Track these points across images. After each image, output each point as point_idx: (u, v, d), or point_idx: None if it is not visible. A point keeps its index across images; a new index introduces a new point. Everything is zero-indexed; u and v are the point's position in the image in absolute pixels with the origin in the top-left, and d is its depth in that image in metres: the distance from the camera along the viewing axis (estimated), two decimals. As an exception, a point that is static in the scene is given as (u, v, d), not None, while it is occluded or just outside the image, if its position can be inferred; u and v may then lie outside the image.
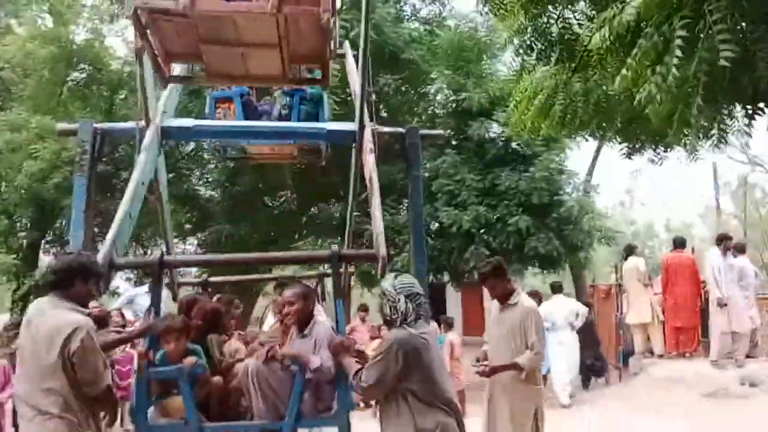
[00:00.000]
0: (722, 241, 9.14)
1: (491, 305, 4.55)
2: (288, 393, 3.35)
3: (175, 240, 16.31)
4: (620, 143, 4.73)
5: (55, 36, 14.19)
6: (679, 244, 10.00)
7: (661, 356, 9.59)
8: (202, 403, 3.43)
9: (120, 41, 16.21)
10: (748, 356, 8.83)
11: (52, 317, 2.99)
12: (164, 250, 6.24)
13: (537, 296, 7.61)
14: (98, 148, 4.84)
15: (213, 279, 6.79)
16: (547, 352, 6.03)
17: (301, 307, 3.54)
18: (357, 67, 4.92)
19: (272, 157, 7.03)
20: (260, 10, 3.90)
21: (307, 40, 4.25)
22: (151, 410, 3.42)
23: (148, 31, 4.09)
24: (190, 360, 3.39)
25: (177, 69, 5.23)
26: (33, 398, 2.94)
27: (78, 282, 3.10)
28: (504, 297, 4.36)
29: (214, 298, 6.12)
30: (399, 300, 3.03)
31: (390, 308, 3.05)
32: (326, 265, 5.00)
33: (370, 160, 4.71)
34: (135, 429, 3.37)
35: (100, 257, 3.53)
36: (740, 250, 9.48)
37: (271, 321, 5.61)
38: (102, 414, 3.27)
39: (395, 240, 12.63)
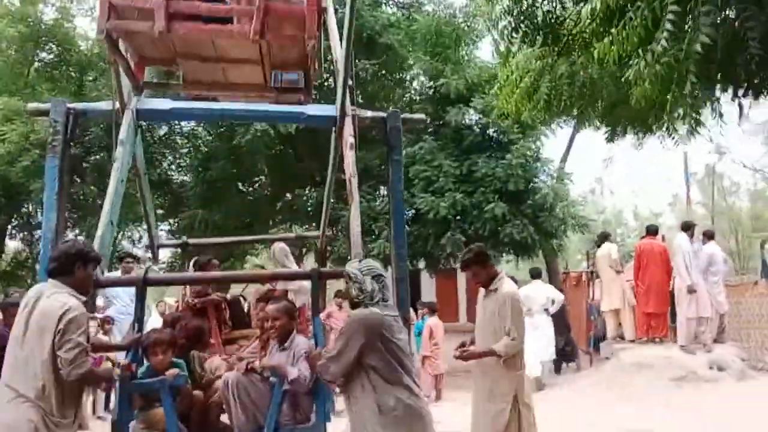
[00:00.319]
0: (688, 228, 9.38)
1: (480, 292, 4.57)
2: (267, 404, 3.45)
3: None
4: (602, 127, 4.76)
5: (23, 15, 13.75)
6: (651, 231, 10.19)
7: (632, 341, 9.78)
8: (183, 417, 3.50)
9: (89, 21, 15.81)
10: (715, 341, 9.07)
11: (48, 301, 3.05)
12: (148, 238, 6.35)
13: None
14: (71, 128, 4.69)
15: (192, 241, 6.74)
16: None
17: (284, 323, 3.64)
18: (341, 45, 4.76)
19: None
20: (241, 36, 3.80)
21: (291, 52, 4.22)
22: (132, 423, 3.48)
23: (120, 39, 3.94)
24: (172, 371, 3.45)
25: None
26: (15, 382, 2.96)
27: (78, 268, 3.19)
28: (487, 283, 4.37)
29: (192, 261, 6.16)
30: (365, 281, 3.13)
31: (356, 289, 3.14)
32: (305, 227, 5.28)
33: (350, 157, 4.63)
34: None
35: None
36: (709, 236, 9.70)
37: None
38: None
39: (371, 227, 12.63)
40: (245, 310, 5.73)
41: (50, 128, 4.61)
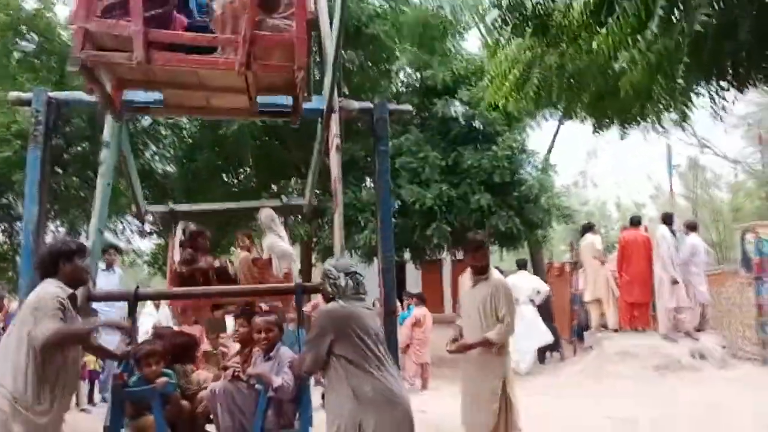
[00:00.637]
0: (669, 219, 9.53)
1: (463, 281, 4.61)
2: (252, 410, 3.65)
3: (130, 216, 15.93)
4: (588, 119, 4.80)
5: (3, 3, 13.48)
6: (634, 222, 10.31)
7: (615, 331, 9.91)
8: (171, 426, 3.67)
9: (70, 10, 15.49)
10: (697, 330, 9.22)
11: (32, 294, 3.22)
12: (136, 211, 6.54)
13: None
14: (53, 119, 4.63)
15: (179, 207, 6.75)
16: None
17: (276, 335, 3.87)
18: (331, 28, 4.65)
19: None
20: (226, 67, 3.62)
21: (278, 79, 4.03)
22: (123, 431, 3.66)
23: (96, 66, 3.75)
24: (162, 380, 3.65)
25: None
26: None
27: (63, 265, 3.29)
28: (482, 270, 4.42)
29: (179, 226, 6.18)
30: (339, 277, 3.32)
31: (330, 285, 3.32)
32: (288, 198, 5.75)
33: (335, 159, 4.60)
34: None
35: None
36: (692, 228, 9.84)
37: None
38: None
39: (357, 218, 12.62)
40: (232, 276, 5.85)
41: (32, 118, 4.55)
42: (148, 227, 15.97)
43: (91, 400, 7.76)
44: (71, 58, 3.56)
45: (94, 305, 7.75)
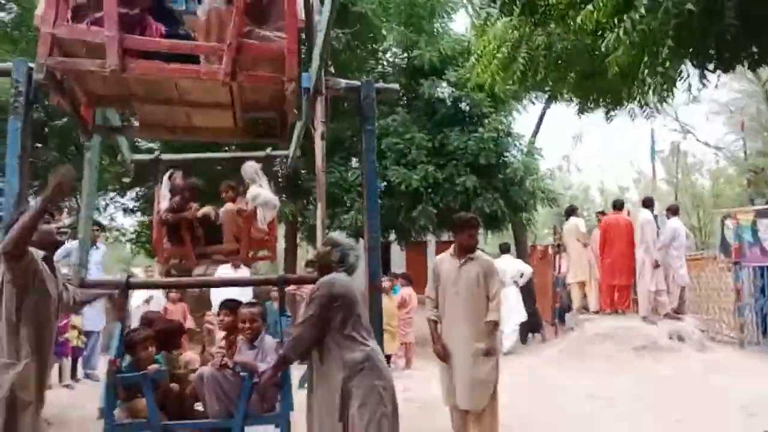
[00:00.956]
0: (649, 204, 9.64)
1: (442, 262, 4.59)
2: (237, 395, 3.88)
3: (112, 194, 15.73)
4: (574, 101, 4.81)
5: (-21, -28, 13.13)
6: (617, 206, 10.40)
7: (596, 313, 10.05)
8: (160, 407, 3.88)
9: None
10: (676, 312, 9.38)
11: None
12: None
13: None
14: (33, 90, 4.53)
15: (165, 156, 6.78)
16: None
17: (259, 325, 4.09)
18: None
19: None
20: (210, 77, 3.33)
21: (265, 94, 3.79)
22: (117, 411, 3.87)
23: (65, 78, 3.47)
24: (153, 367, 3.89)
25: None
26: None
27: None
28: (472, 249, 4.46)
29: (167, 174, 6.20)
30: (349, 253, 3.49)
31: (341, 256, 3.47)
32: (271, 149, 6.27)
33: (320, 147, 4.49)
34: (104, 427, 3.77)
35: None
36: (673, 212, 9.96)
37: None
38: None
39: (343, 198, 12.59)
40: (217, 225, 5.92)
41: (12, 89, 4.44)
42: (131, 204, 15.82)
43: (74, 376, 7.72)
44: (37, 64, 3.29)
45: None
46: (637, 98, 3.93)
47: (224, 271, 8.85)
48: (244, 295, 6.35)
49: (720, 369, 7.62)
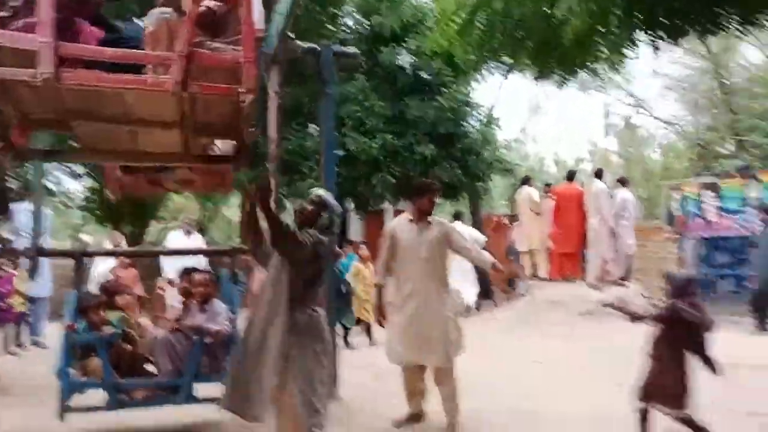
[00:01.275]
0: (600, 174, 9.95)
1: (400, 227, 4.64)
2: (191, 355, 4.09)
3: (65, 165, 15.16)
4: (531, 69, 4.85)
5: None
6: (570, 177, 10.66)
7: (546, 280, 10.37)
8: (114, 366, 4.08)
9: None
10: (622, 279, 9.75)
11: None
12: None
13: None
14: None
15: None
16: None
17: (210, 291, 4.40)
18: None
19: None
20: (157, 88, 3.06)
21: (219, 112, 3.49)
22: (71, 371, 4.03)
23: None
24: (107, 329, 4.17)
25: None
26: None
27: None
28: (429, 214, 4.55)
29: None
30: (336, 220, 3.47)
31: (328, 216, 3.42)
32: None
33: (274, 115, 4.41)
34: (60, 385, 3.96)
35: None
36: (623, 183, 10.27)
37: None
38: None
39: (300, 166, 12.48)
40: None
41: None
42: (80, 170, 15.31)
43: (18, 343, 7.54)
44: None
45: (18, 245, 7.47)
46: (591, 66, 4.00)
47: (176, 238, 8.76)
48: (198, 262, 6.32)
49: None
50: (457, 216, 10.85)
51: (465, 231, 10.49)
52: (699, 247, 10.54)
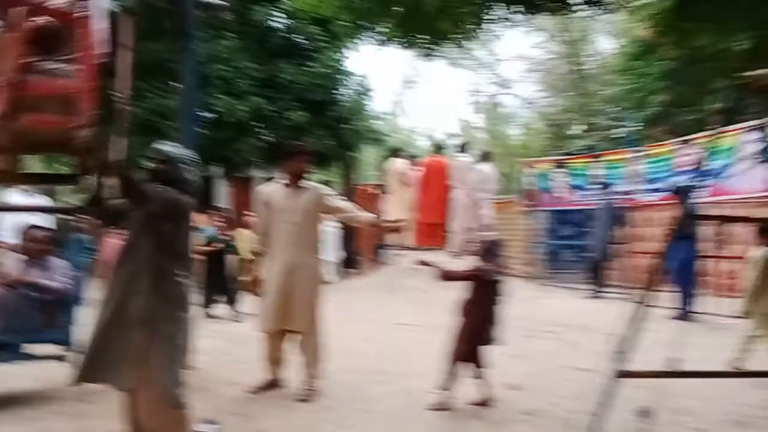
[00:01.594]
0: (463, 149, 10.43)
1: (272, 192, 4.52)
2: (25, 312, 4.11)
3: None
4: (399, 38, 4.89)
5: None
6: (437, 149, 11.03)
7: (411, 249, 10.71)
8: None
9: None
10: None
11: None
12: None
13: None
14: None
15: None
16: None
17: (48, 248, 4.45)
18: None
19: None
20: None
21: (53, 140, 3.01)
22: None
23: None
24: None
25: None
26: None
27: None
28: (302, 177, 4.45)
29: None
30: (183, 167, 3.19)
31: (182, 173, 3.15)
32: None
33: (122, 78, 4.01)
34: None
35: None
36: (485, 157, 10.81)
37: None
38: None
39: (161, 126, 11.76)
40: None
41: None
42: None
43: None
44: None
45: None
46: (457, 38, 4.09)
47: (19, 197, 7.99)
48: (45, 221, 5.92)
49: (511, 297, 8.59)
50: (326, 185, 10.84)
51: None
52: (548, 220, 11.40)
